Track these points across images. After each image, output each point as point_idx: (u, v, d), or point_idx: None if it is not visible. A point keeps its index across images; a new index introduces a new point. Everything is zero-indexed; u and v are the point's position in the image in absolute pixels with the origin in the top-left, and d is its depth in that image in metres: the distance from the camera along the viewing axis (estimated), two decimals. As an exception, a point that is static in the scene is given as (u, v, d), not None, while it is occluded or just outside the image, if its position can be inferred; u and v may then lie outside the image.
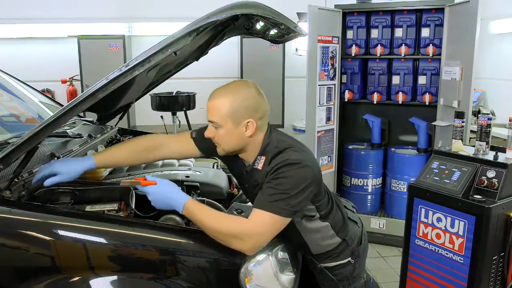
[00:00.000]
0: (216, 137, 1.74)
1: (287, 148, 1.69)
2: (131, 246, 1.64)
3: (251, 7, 1.80)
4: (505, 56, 4.54)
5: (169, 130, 4.60)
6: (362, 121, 4.42)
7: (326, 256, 1.89)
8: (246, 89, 1.85)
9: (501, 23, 4.53)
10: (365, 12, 4.19)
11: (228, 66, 5.29)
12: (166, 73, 2.80)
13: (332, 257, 1.91)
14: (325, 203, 1.80)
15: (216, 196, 2.08)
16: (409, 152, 4.24)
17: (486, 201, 2.50)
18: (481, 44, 4.13)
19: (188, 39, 1.62)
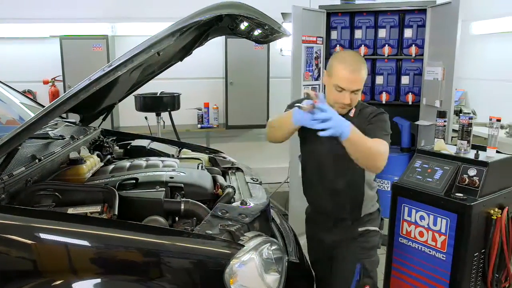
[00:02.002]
0: (353, 100, 2.07)
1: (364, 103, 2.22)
2: (115, 248, 1.62)
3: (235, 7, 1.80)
4: (486, 57, 4.62)
5: (154, 131, 4.57)
6: (346, 121, 4.44)
7: (367, 219, 2.19)
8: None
9: (482, 24, 4.61)
10: (349, 13, 4.22)
11: (212, 67, 5.27)
12: (150, 74, 2.79)
13: (370, 222, 2.23)
14: None
15: (200, 196, 2.07)
16: (392, 151, 4.27)
17: (467, 199, 2.54)
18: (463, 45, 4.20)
19: (172, 40, 1.61)
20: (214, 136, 5.51)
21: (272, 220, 2.28)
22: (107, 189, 1.88)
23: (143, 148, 2.84)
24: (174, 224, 1.89)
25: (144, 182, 2.07)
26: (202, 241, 1.64)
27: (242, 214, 1.82)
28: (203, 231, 1.68)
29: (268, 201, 2.05)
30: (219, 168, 2.63)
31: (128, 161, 2.45)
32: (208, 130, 5.36)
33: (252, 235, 1.69)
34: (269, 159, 5.46)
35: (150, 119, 4.58)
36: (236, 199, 2.06)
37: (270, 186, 5.08)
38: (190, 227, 1.80)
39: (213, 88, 5.38)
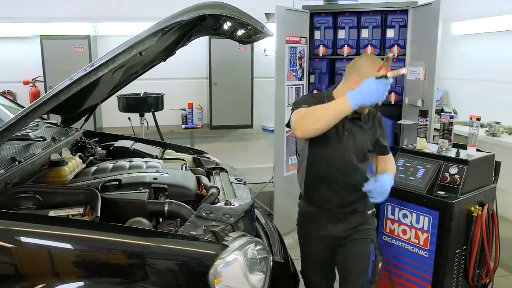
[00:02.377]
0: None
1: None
2: (98, 251, 1.60)
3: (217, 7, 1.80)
4: (466, 57, 4.70)
5: (137, 131, 4.53)
6: (330, 121, 4.47)
7: (370, 202, 2.20)
8: None
9: (462, 25, 4.68)
10: (332, 13, 4.25)
11: (196, 67, 5.25)
12: (133, 74, 2.76)
13: (372, 205, 2.31)
14: None
15: (184, 197, 2.06)
16: (376, 150, 4.31)
17: (449, 196, 2.58)
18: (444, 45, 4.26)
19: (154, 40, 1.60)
20: (198, 137, 5.49)
21: (257, 220, 2.29)
22: (90, 191, 1.86)
23: (126, 149, 2.81)
24: (158, 225, 1.88)
25: (127, 183, 2.05)
26: (186, 242, 1.63)
27: (226, 214, 1.82)
28: (187, 232, 1.67)
29: (252, 201, 2.06)
30: (203, 168, 2.62)
31: (111, 162, 2.43)
32: (192, 131, 5.34)
33: (237, 235, 1.69)
34: (253, 159, 5.46)
35: (134, 119, 4.54)
36: (220, 200, 2.06)
37: (254, 186, 5.08)
38: (174, 228, 1.79)
39: (197, 89, 5.36)
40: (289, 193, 4.22)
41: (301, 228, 2.42)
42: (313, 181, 2.26)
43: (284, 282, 2.07)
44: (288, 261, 2.20)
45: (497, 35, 4.22)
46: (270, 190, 4.48)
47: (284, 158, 4.07)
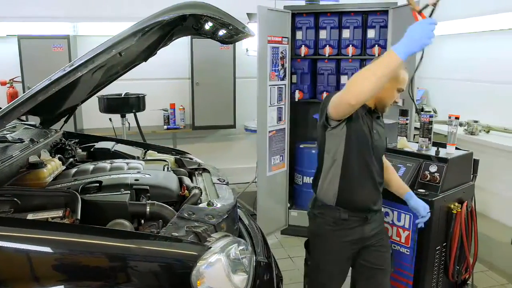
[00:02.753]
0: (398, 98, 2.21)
1: None
2: (78, 254, 1.58)
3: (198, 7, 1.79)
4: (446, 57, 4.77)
5: (118, 132, 4.48)
6: (312, 121, 4.50)
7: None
8: None
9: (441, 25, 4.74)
10: (314, 13, 4.27)
11: (178, 67, 5.22)
12: (114, 74, 2.73)
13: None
14: None
15: (166, 198, 2.05)
16: (358, 149, 4.35)
17: (429, 194, 2.62)
18: (423, 45, 4.32)
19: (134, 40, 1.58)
20: (181, 137, 5.46)
21: (240, 220, 2.28)
22: (69, 193, 1.83)
23: (107, 150, 2.78)
24: (139, 227, 1.86)
25: (108, 185, 2.02)
26: (168, 244, 1.62)
27: (208, 215, 1.81)
28: (169, 233, 1.66)
29: (235, 201, 2.06)
30: (185, 169, 2.61)
31: (92, 164, 2.40)
32: (174, 131, 5.31)
33: (219, 236, 1.68)
34: (236, 160, 5.46)
35: (115, 120, 4.49)
36: (203, 200, 2.05)
37: (238, 186, 5.08)
38: (156, 230, 1.78)
39: (179, 89, 5.33)
40: (272, 193, 4.24)
41: (330, 237, 2.21)
42: (348, 184, 2.14)
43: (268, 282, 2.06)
44: (271, 261, 2.20)
45: (475, 35, 4.30)
46: (253, 190, 4.49)
47: (267, 158, 4.08)
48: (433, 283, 2.72)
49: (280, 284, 2.27)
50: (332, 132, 2.07)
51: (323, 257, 2.25)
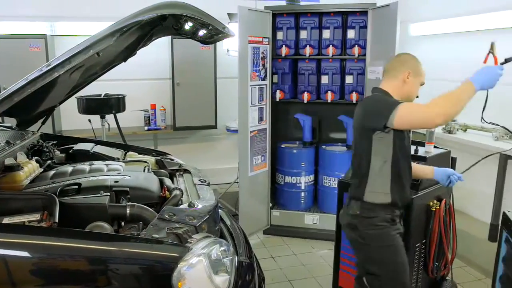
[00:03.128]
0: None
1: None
2: (57, 258, 1.56)
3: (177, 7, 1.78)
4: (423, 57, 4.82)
5: (98, 134, 4.42)
6: (293, 120, 4.52)
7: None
8: None
9: (419, 26, 4.83)
10: (294, 14, 4.29)
11: (158, 67, 5.18)
12: (92, 75, 2.70)
13: None
14: None
15: (147, 200, 2.03)
16: (339, 149, 4.40)
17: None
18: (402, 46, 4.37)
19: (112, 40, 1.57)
20: (162, 138, 5.42)
21: (222, 221, 2.28)
22: (47, 196, 1.80)
23: (86, 152, 2.75)
24: (120, 229, 1.84)
25: (87, 187, 2.00)
26: (149, 246, 1.61)
27: (189, 216, 1.80)
28: (150, 235, 1.65)
29: (216, 202, 2.05)
30: (166, 170, 2.59)
31: (70, 166, 2.37)
32: (155, 132, 5.26)
33: (200, 236, 1.68)
34: (218, 160, 5.44)
35: (94, 122, 4.43)
36: (183, 201, 2.04)
37: (220, 187, 5.06)
38: (136, 232, 1.76)
39: (160, 89, 5.28)
40: (254, 193, 4.24)
41: (393, 236, 2.26)
42: (398, 183, 2.23)
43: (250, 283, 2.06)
44: (253, 261, 2.20)
45: (448, 36, 4.38)
46: (235, 190, 4.48)
47: (249, 158, 4.08)
48: (413, 280, 2.75)
49: (262, 284, 2.28)
50: (381, 136, 2.15)
51: (394, 254, 2.24)
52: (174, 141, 5.45)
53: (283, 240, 4.30)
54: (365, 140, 2.21)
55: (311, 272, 3.68)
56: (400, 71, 2.29)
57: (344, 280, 3.03)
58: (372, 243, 2.23)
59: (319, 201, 4.51)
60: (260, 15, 4.08)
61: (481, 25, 3.89)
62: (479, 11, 3.90)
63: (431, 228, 2.73)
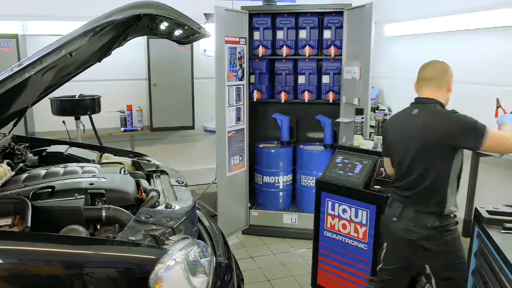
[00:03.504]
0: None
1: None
2: (31, 263, 1.52)
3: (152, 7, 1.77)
4: (398, 57, 4.93)
5: (73, 136, 4.34)
6: (271, 120, 4.53)
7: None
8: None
9: (393, 27, 4.91)
10: (271, 14, 4.30)
11: (134, 67, 5.11)
12: (66, 75, 2.64)
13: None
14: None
15: (123, 202, 2.00)
16: (316, 148, 4.43)
17: (384, 190, 2.70)
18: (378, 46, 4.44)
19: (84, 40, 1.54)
20: (139, 139, 5.36)
21: (200, 222, 2.27)
22: (19, 200, 1.76)
23: (60, 154, 2.69)
24: (95, 233, 1.81)
25: (61, 190, 1.96)
26: (125, 248, 1.59)
27: (167, 217, 1.79)
28: (126, 237, 1.63)
29: (193, 203, 2.04)
30: (143, 171, 2.56)
31: (44, 169, 2.32)
32: (132, 133, 5.20)
33: (178, 238, 1.67)
34: (196, 161, 5.41)
35: (69, 123, 4.34)
36: (161, 203, 2.02)
37: (198, 187, 5.04)
38: (112, 235, 1.74)
39: (136, 90, 5.22)
40: (232, 193, 4.23)
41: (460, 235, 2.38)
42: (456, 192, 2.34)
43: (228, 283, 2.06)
44: (232, 262, 2.19)
45: (423, 36, 4.47)
46: (213, 191, 4.47)
47: (227, 159, 4.07)
48: (390, 277, 2.80)
49: (241, 285, 2.28)
50: (459, 154, 2.24)
51: (464, 252, 2.30)
52: (151, 142, 5.39)
53: (262, 240, 4.30)
54: (445, 156, 2.21)
55: (290, 271, 3.69)
56: (445, 80, 2.33)
57: (322, 278, 3.06)
58: (450, 248, 2.26)
59: (297, 200, 4.54)
60: (236, 15, 4.07)
61: (454, 26, 3.98)
62: (452, 12, 3.99)
63: (406, 225, 2.78)
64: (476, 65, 3.75)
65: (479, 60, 3.75)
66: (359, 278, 2.82)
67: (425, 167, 2.23)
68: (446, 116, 2.22)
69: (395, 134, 2.39)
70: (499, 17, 3.50)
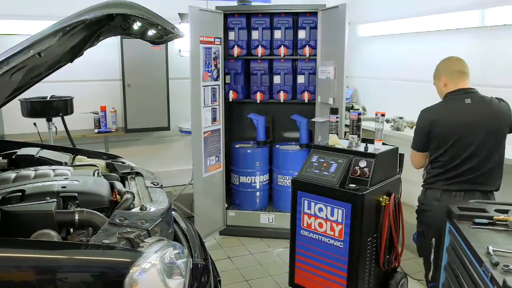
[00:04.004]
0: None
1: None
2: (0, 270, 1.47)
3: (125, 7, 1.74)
4: (372, 57, 5.01)
5: (44, 138, 4.24)
6: (247, 120, 4.54)
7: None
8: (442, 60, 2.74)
9: (367, 27, 4.99)
10: (246, 14, 4.30)
11: (108, 68, 5.02)
12: (36, 76, 2.57)
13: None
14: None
15: (97, 205, 1.97)
16: (292, 148, 4.46)
17: (359, 189, 2.73)
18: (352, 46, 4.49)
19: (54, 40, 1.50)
20: (113, 141, 5.27)
21: (176, 224, 2.24)
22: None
23: (31, 157, 2.62)
24: (68, 237, 1.77)
25: (32, 193, 1.91)
26: (99, 252, 1.56)
27: (141, 219, 1.76)
28: (100, 241, 1.60)
29: (169, 204, 2.02)
30: (117, 173, 2.52)
31: (13, 172, 2.25)
32: (106, 135, 5.11)
33: (153, 240, 1.64)
34: (171, 162, 5.37)
35: (40, 125, 4.24)
36: (135, 205, 1.99)
37: (174, 189, 5.00)
38: (86, 238, 1.70)
39: (110, 91, 5.14)
40: (209, 194, 4.21)
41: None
42: None
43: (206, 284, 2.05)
44: (208, 263, 2.18)
45: (396, 37, 4.55)
46: (190, 192, 4.44)
47: (203, 159, 4.05)
48: (366, 273, 2.84)
49: (218, 286, 2.27)
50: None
51: None
52: (126, 143, 5.32)
53: (240, 240, 4.30)
54: (504, 137, 2.57)
55: (268, 270, 3.71)
56: (439, 78, 2.70)
57: (300, 277, 3.07)
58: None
59: (274, 200, 4.55)
60: (211, 15, 4.06)
61: (425, 27, 4.07)
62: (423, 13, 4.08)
63: (381, 223, 2.83)
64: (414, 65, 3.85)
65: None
66: (336, 276, 2.84)
67: (491, 149, 2.52)
68: (500, 102, 2.57)
69: (452, 124, 2.58)
70: (468, 19, 3.60)
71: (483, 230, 1.81)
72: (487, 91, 2.68)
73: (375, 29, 4.87)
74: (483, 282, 1.55)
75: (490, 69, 3.43)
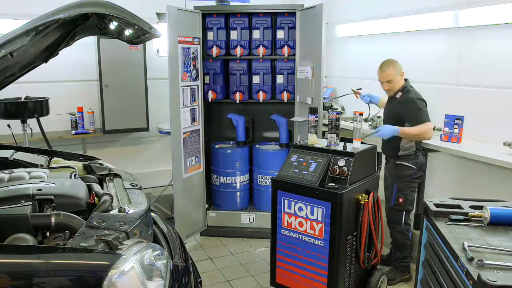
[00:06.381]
0: (389, 87, 3.40)
1: (410, 89, 3.36)
2: (-27, 276, 1.43)
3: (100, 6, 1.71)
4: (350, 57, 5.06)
5: (19, 140, 4.14)
6: (226, 120, 4.52)
7: (402, 157, 3.33)
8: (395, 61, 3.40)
9: (344, 27, 5.03)
10: (224, 14, 4.29)
11: (84, 68, 4.93)
12: (9, 77, 2.51)
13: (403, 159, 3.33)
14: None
15: (74, 207, 1.93)
16: (272, 147, 4.47)
17: (338, 187, 2.76)
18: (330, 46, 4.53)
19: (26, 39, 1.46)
20: (91, 142, 5.18)
21: (156, 225, 2.22)
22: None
23: (5, 159, 2.57)
24: (44, 240, 1.74)
25: (6, 197, 1.86)
26: (76, 255, 1.53)
27: (120, 222, 1.74)
28: (77, 244, 1.57)
29: (148, 206, 2.00)
30: (95, 175, 2.48)
31: (-14, 176, 2.19)
32: (83, 136, 5.02)
33: (132, 242, 1.62)
34: (151, 163, 5.31)
35: (15, 127, 4.14)
36: (114, 207, 1.96)
37: (154, 190, 4.95)
38: (62, 242, 1.67)
39: (87, 91, 5.04)
40: (189, 194, 4.19)
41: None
42: None
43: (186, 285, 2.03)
44: (189, 264, 2.17)
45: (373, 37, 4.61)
46: (170, 193, 4.40)
47: (182, 160, 4.02)
48: (346, 271, 2.87)
49: (199, 286, 2.26)
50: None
51: None
52: (104, 144, 5.23)
53: (221, 240, 4.29)
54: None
55: (249, 270, 3.70)
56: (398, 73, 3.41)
57: (281, 276, 3.08)
58: None
59: (254, 200, 4.55)
60: (189, 15, 4.04)
61: (402, 27, 4.13)
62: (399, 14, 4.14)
63: (361, 221, 2.86)
64: (420, 64, 3.92)
65: (422, 59, 3.93)
66: (317, 275, 2.86)
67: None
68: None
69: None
70: (442, 19, 3.67)
71: (459, 226, 1.85)
72: (461, 90, 2.74)
73: (352, 30, 4.92)
74: (459, 277, 1.59)
75: (464, 68, 3.51)
